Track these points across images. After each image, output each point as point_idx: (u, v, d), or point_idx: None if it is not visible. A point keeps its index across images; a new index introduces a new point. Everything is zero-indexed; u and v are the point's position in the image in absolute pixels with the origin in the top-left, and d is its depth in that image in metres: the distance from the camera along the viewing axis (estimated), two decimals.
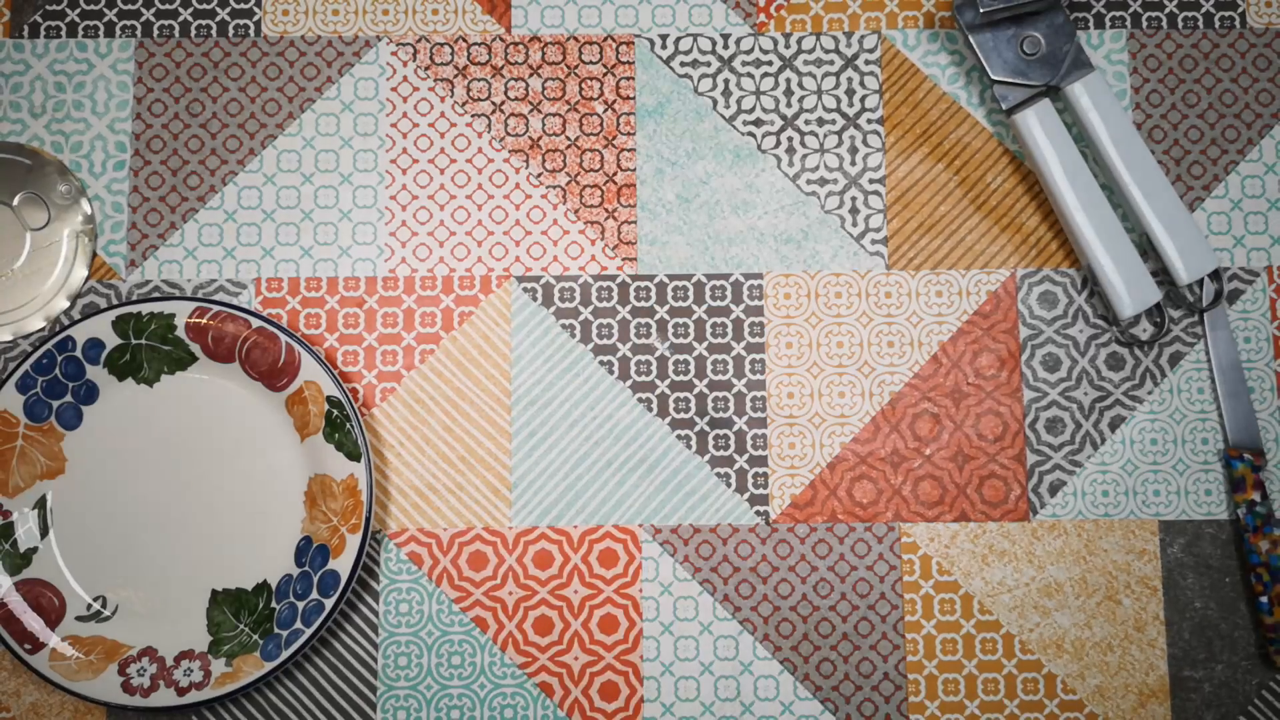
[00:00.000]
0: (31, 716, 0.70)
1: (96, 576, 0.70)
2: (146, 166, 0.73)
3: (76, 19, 0.74)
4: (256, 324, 0.70)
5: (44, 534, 0.70)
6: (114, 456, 0.71)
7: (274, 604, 0.69)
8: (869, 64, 0.74)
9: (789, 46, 0.74)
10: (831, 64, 0.74)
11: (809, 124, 0.74)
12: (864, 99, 0.74)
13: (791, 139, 0.74)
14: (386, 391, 0.72)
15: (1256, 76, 0.74)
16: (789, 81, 0.74)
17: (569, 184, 0.73)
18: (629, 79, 0.74)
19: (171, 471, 0.70)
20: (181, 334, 0.70)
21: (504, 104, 0.74)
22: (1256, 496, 0.69)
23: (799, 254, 0.73)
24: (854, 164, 0.73)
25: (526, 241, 0.73)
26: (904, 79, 0.74)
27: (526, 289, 0.73)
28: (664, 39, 0.74)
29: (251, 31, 0.74)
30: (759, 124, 0.74)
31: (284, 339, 0.69)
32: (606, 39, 0.74)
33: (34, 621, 0.68)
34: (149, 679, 0.68)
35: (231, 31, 0.74)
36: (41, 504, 0.70)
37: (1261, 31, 0.74)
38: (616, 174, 0.73)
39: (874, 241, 0.73)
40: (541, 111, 0.74)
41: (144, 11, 0.74)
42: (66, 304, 0.72)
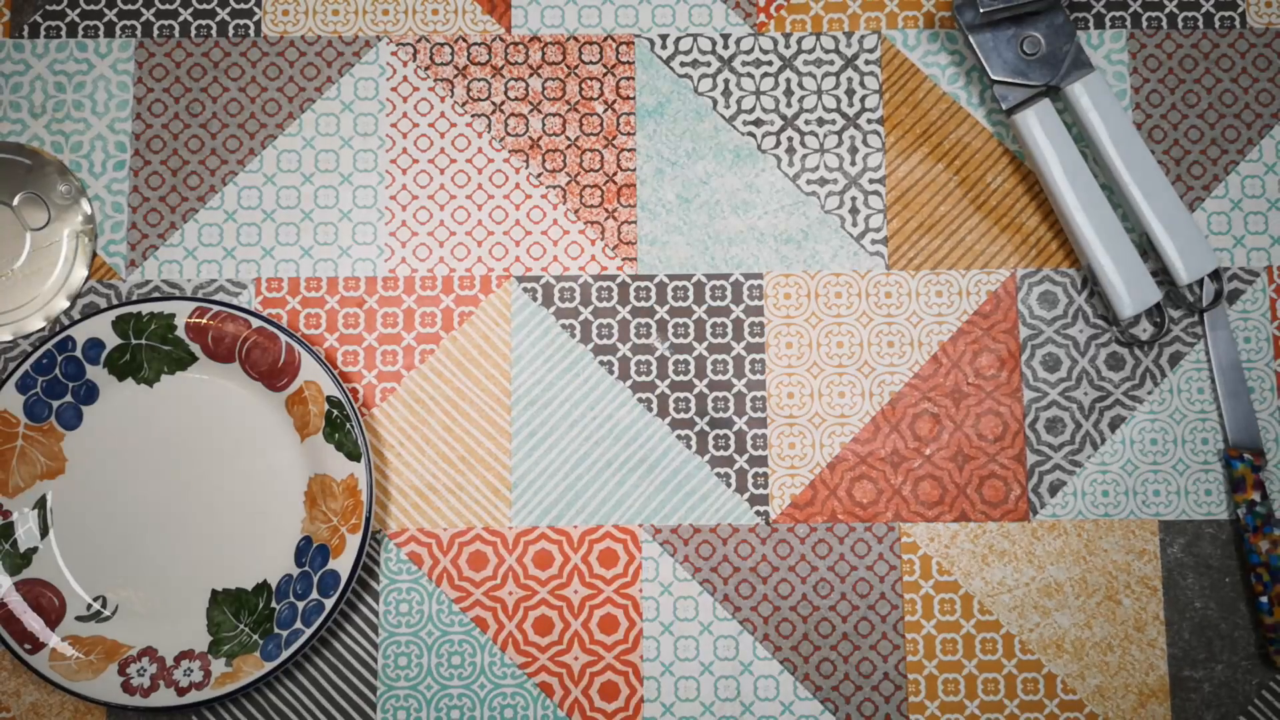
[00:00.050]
0: (31, 716, 0.70)
1: (96, 576, 0.70)
2: (146, 166, 0.73)
3: (76, 19, 0.74)
4: (256, 324, 0.70)
5: (44, 534, 0.70)
6: (114, 456, 0.71)
7: (274, 604, 0.69)
8: (869, 64, 0.74)
9: (789, 46, 0.74)
10: (831, 64, 0.74)
11: (809, 124, 0.74)
12: (864, 99, 0.74)
13: (791, 139, 0.74)
14: (386, 391, 0.72)
15: (1256, 76, 0.74)
16: (789, 81, 0.74)
17: (569, 184, 0.73)
18: (629, 79, 0.74)
19: (171, 471, 0.70)
20: (181, 334, 0.70)
21: (504, 104, 0.74)
22: (1256, 496, 0.69)
23: (799, 254, 0.73)
24: (854, 164, 0.73)
25: (526, 241, 0.73)
26: (904, 79, 0.74)
27: (526, 289, 0.73)
28: (664, 39, 0.74)
29: (251, 31, 0.74)
30: (759, 124, 0.74)
31: (284, 339, 0.69)
32: (606, 39, 0.74)
33: (34, 621, 0.68)
34: (149, 679, 0.68)
35: (231, 31, 0.74)
36: (41, 504, 0.70)
37: (1261, 31, 0.74)
38: (616, 174, 0.73)
39: (874, 241, 0.73)
40: (541, 111, 0.74)
41: (144, 11, 0.74)
42: (66, 304, 0.72)
